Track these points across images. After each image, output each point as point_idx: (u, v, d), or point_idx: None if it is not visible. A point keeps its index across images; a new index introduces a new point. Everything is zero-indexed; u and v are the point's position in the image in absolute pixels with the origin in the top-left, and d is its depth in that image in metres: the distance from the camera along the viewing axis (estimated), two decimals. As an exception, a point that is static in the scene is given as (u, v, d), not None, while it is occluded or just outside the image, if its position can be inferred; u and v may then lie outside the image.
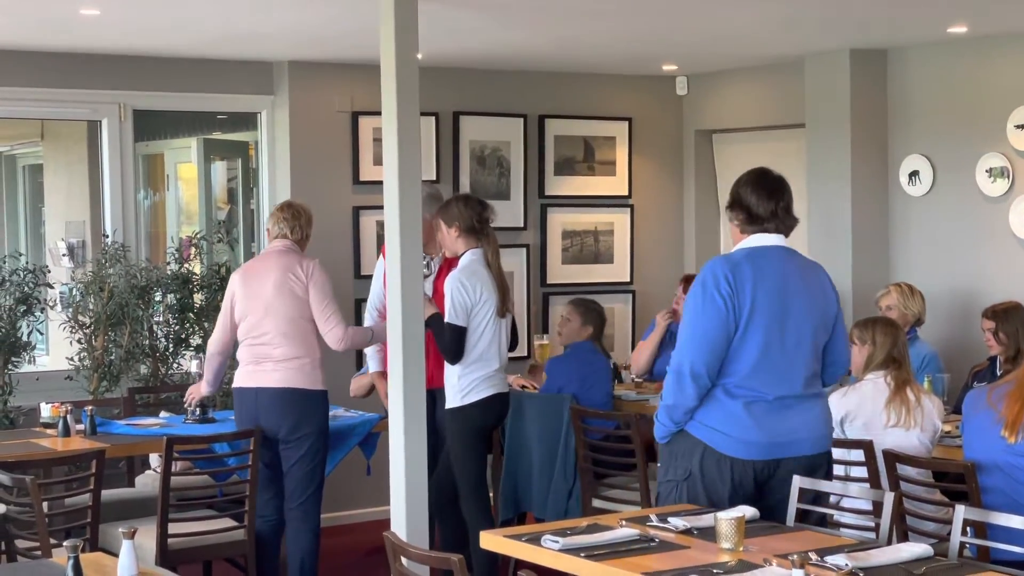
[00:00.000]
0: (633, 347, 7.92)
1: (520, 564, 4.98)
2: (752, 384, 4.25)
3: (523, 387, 6.67)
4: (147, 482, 6.46)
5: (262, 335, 5.76)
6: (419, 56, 6.81)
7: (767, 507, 4.27)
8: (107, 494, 6.05)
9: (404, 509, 5.40)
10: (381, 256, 6.24)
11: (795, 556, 3.36)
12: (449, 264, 6.03)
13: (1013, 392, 4.53)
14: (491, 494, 6.36)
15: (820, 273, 4.48)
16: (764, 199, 4.36)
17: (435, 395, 5.91)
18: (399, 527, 5.40)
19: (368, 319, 6.31)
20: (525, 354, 7.84)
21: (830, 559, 3.61)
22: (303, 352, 5.77)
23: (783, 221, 4.37)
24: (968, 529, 4.35)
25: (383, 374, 6.20)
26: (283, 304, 5.75)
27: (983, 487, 4.60)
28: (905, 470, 4.90)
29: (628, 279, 8.61)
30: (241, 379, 5.83)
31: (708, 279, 4.27)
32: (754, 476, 4.27)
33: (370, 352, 6.38)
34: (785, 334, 4.27)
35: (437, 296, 5.89)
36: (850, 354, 4.61)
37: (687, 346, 4.28)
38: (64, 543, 3.59)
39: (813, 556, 3.63)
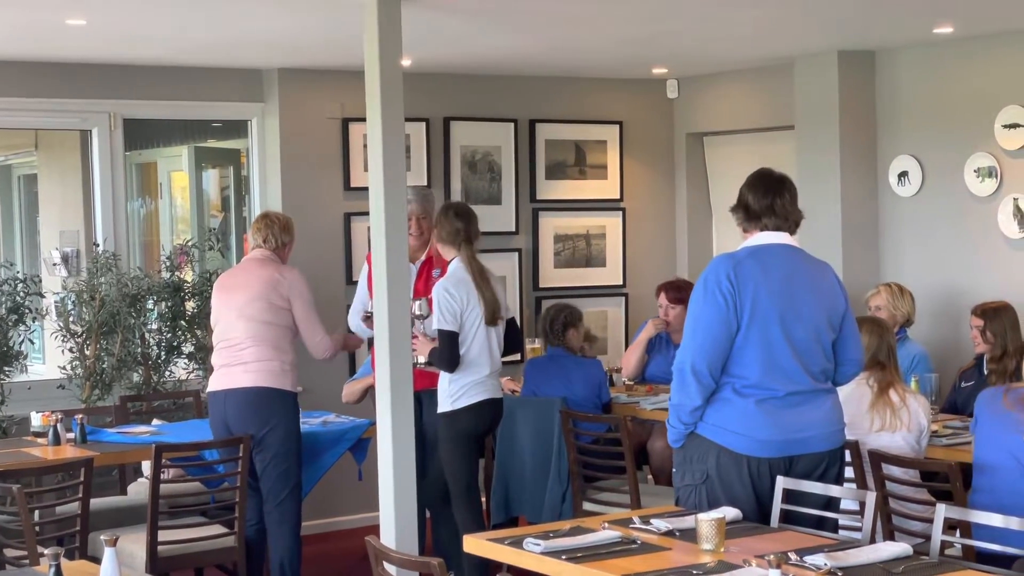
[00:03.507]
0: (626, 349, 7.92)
1: (511, 569, 4.99)
2: (761, 382, 4.28)
3: (513, 391, 6.69)
4: (139, 490, 6.48)
5: (233, 338, 5.80)
6: (407, 62, 6.86)
7: (785, 506, 4.27)
8: (99, 502, 6.09)
9: (393, 514, 5.41)
10: (366, 263, 6.26)
11: (771, 556, 3.37)
12: (429, 263, 6.09)
13: None
14: (484, 498, 6.38)
15: (827, 271, 4.52)
16: (760, 195, 4.43)
17: (420, 398, 5.92)
18: (388, 532, 5.41)
19: (352, 324, 6.34)
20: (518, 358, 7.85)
21: (809, 559, 3.62)
22: (273, 355, 5.81)
23: (783, 218, 4.42)
24: (958, 529, 4.37)
25: None
26: (257, 310, 5.80)
27: (988, 487, 4.60)
28: (890, 470, 4.91)
29: (621, 282, 8.62)
30: (213, 383, 5.89)
31: (710, 277, 4.32)
32: (770, 474, 4.29)
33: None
34: (791, 331, 4.30)
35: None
36: (863, 355, 4.62)
37: (689, 344, 4.31)
38: (46, 551, 3.61)
39: (793, 556, 3.64)
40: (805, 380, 4.33)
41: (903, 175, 7.38)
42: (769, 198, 4.41)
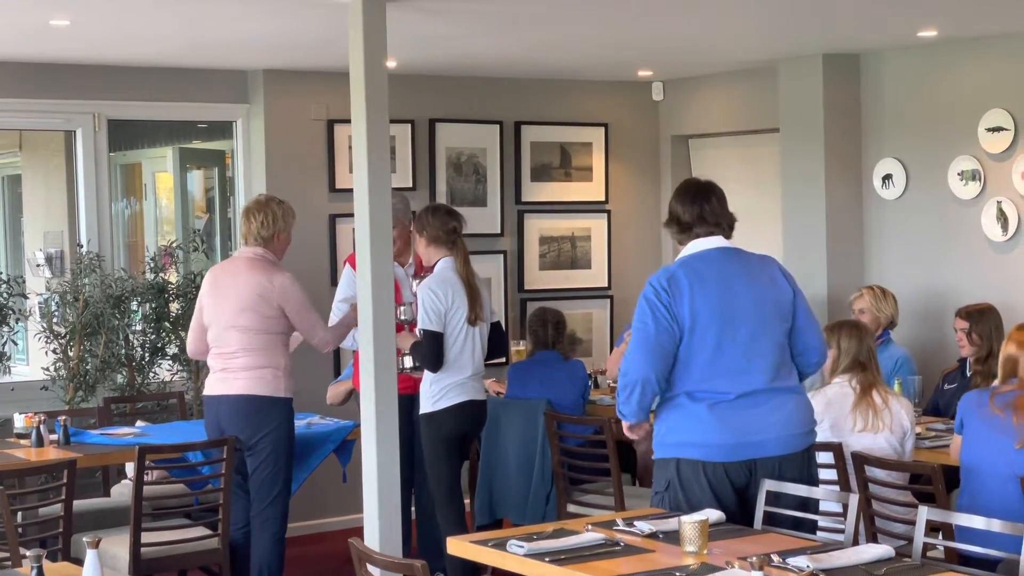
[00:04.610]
0: (611, 352, 7.93)
1: (495, 571, 4.99)
2: (711, 386, 4.29)
3: (498, 393, 6.69)
4: (123, 492, 6.46)
5: (226, 346, 5.76)
6: (393, 64, 6.87)
7: (751, 513, 4.28)
8: (82, 504, 6.08)
9: (376, 516, 5.40)
10: (348, 264, 6.25)
11: (754, 558, 3.38)
12: (419, 269, 6.09)
13: (1021, 403, 4.53)
14: (468, 500, 6.37)
15: (769, 264, 4.51)
16: (687, 204, 4.46)
17: (413, 401, 5.93)
18: (372, 534, 5.40)
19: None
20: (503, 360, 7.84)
21: (791, 560, 3.63)
22: (266, 362, 5.74)
23: (714, 223, 4.44)
24: (940, 531, 4.38)
25: None
26: (248, 320, 5.72)
27: (976, 490, 4.61)
28: (873, 472, 4.93)
29: (606, 284, 8.63)
30: (208, 387, 5.87)
31: (649, 292, 4.36)
32: (729, 480, 4.29)
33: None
34: (736, 331, 4.31)
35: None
36: (823, 341, 4.60)
37: (637, 356, 4.34)
38: (28, 553, 3.60)
39: (775, 558, 3.65)
40: (758, 380, 4.32)
41: (887, 178, 7.41)
42: (697, 206, 4.45)
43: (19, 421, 6.09)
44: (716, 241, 4.43)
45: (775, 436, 4.32)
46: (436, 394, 5.75)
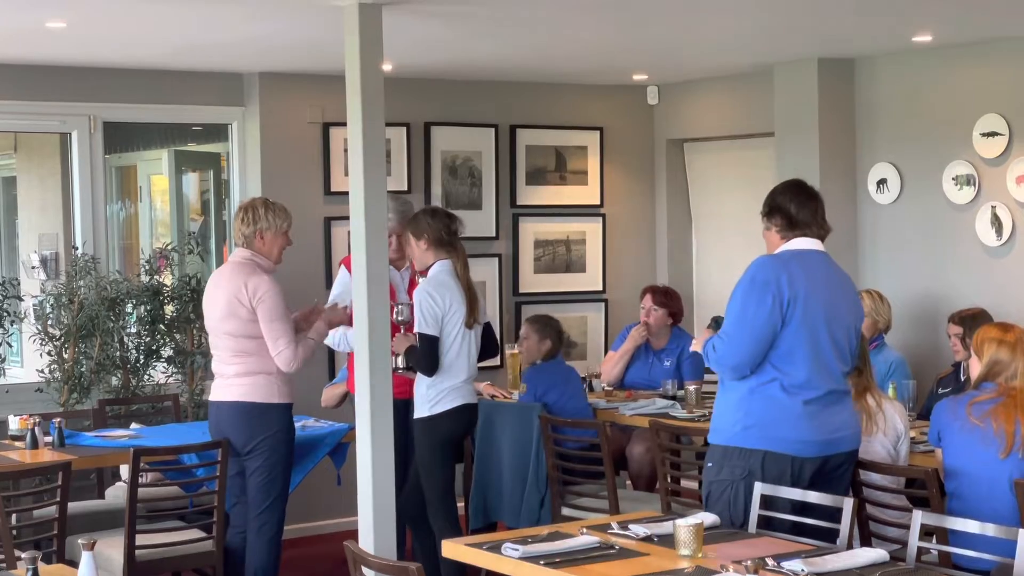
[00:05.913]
0: (605, 355, 7.93)
1: (489, 574, 5.00)
2: (809, 382, 4.44)
3: (493, 396, 6.69)
4: (117, 494, 6.45)
5: (219, 352, 5.75)
6: (388, 67, 6.87)
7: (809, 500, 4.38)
8: (77, 506, 6.07)
9: (371, 520, 5.41)
10: (343, 266, 6.25)
11: (749, 562, 3.39)
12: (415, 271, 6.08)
13: (1001, 411, 4.54)
14: (461, 504, 6.37)
15: (849, 280, 4.75)
16: (801, 203, 4.61)
17: (408, 405, 5.92)
18: (367, 538, 5.41)
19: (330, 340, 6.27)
20: (498, 363, 7.85)
21: (786, 564, 3.64)
22: (258, 368, 5.66)
23: (821, 227, 4.61)
24: (935, 535, 4.38)
25: None
26: (232, 327, 5.66)
27: (965, 494, 4.62)
28: (868, 476, 4.93)
29: (600, 288, 8.64)
30: (211, 391, 5.85)
31: (758, 277, 4.46)
32: (805, 475, 4.43)
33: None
34: (834, 332, 4.50)
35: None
36: None
37: (735, 340, 4.43)
38: (23, 555, 3.60)
39: (770, 561, 3.66)
40: (837, 382, 4.53)
41: (882, 183, 7.42)
42: (811, 207, 4.61)
43: (14, 423, 6.09)
44: (819, 245, 4.60)
45: (847, 434, 4.57)
46: (433, 398, 5.74)
